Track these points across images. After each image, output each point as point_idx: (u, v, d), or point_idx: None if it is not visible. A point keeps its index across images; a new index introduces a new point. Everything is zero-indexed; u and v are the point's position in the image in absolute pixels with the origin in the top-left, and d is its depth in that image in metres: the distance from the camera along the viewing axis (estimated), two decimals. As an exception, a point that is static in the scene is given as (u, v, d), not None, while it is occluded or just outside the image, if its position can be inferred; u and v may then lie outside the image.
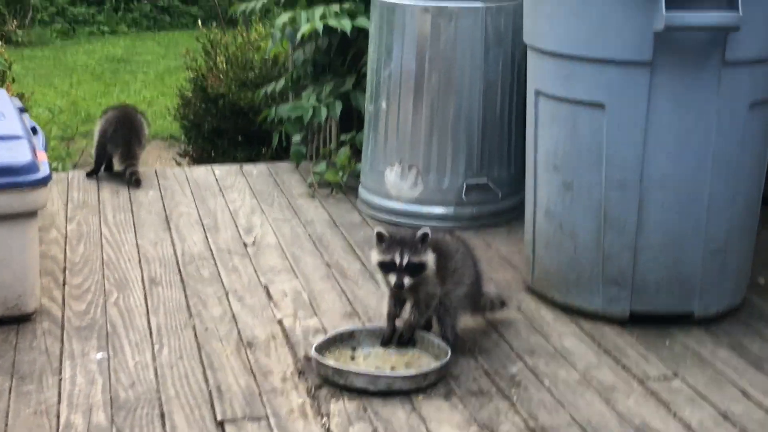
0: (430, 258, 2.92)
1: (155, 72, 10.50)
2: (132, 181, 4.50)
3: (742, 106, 3.02)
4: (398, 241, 2.89)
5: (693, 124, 3.01)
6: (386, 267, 2.89)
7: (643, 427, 2.62)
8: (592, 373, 2.91)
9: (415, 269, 2.87)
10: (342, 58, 4.77)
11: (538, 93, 3.25)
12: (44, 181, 3.11)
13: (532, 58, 3.31)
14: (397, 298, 3.01)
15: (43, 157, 3.25)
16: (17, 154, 3.12)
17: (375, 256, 2.93)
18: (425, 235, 2.92)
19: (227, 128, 6.62)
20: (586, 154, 3.13)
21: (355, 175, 4.43)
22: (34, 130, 3.58)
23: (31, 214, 3.13)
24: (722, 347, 3.08)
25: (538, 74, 3.25)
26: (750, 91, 3.03)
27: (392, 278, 2.86)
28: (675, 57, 2.95)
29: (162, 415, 2.64)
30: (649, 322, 3.20)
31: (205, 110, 6.67)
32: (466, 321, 3.16)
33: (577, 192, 3.18)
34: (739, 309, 3.32)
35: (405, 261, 2.85)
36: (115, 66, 10.81)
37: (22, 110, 3.77)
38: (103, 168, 4.66)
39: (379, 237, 2.91)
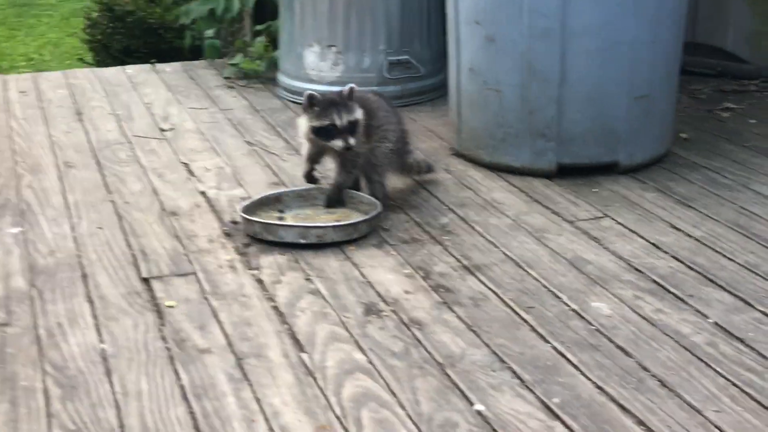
0: (360, 114, 2.85)
1: (60, 14, 10.16)
2: None
3: (660, -54, 3.01)
4: (331, 103, 2.79)
5: (613, -34, 2.99)
6: (325, 131, 2.78)
7: (576, 260, 2.62)
8: (523, 218, 2.90)
9: (353, 128, 2.80)
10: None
11: (456, -55, 3.19)
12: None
13: None
14: (314, 156, 2.94)
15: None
16: None
17: (309, 122, 2.81)
18: (352, 90, 2.84)
19: (138, 47, 6.41)
20: (507, 4, 3.08)
21: (273, 63, 4.32)
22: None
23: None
24: (649, 190, 3.09)
25: (456, -74, 3.19)
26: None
27: (338, 143, 2.77)
28: None
29: (84, 276, 2.54)
30: (576, 173, 3.19)
31: (113, 29, 6.44)
32: (395, 182, 3.11)
33: (500, 45, 3.14)
34: (664, 158, 3.33)
35: (345, 121, 2.78)
36: (18, 10, 10.42)
37: None
38: None
39: (311, 99, 2.79)
